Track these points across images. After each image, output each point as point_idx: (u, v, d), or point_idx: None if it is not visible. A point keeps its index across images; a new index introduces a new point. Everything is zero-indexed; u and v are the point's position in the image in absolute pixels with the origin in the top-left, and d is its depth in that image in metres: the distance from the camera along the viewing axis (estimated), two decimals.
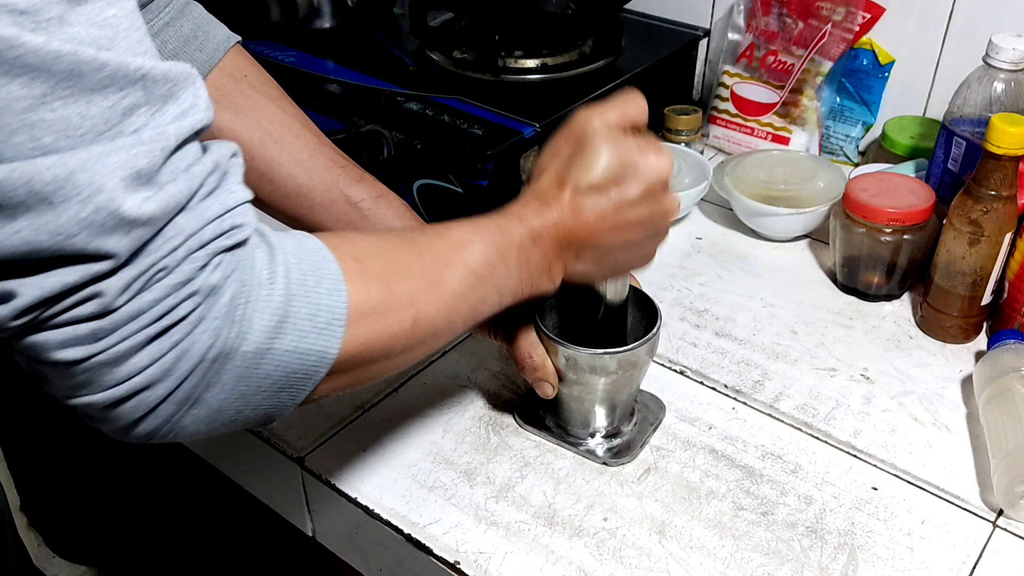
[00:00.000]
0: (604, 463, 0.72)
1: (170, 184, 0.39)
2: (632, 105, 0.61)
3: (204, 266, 0.40)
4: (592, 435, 0.73)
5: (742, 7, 1.13)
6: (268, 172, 0.70)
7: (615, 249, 0.60)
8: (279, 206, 0.72)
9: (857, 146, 1.11)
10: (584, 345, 0.67)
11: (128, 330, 0.39)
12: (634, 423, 0.75)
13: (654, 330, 0.69)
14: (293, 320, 0.43)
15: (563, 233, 0.58)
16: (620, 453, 0.72)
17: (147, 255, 0.39)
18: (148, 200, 0.38)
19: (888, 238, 0.84)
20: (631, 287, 0.72)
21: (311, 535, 0.79)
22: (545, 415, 0.75)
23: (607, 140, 0.59)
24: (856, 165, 1.10)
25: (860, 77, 1.09)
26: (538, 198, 0.59)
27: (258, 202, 0.69)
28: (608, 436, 0.73)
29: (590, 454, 0.72)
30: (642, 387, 0.77)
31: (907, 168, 0.96)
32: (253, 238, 0.43)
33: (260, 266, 0.43)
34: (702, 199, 1.02)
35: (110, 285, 0.38)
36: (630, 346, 0.67)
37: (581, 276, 0.62)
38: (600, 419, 0.73)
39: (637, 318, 0.73)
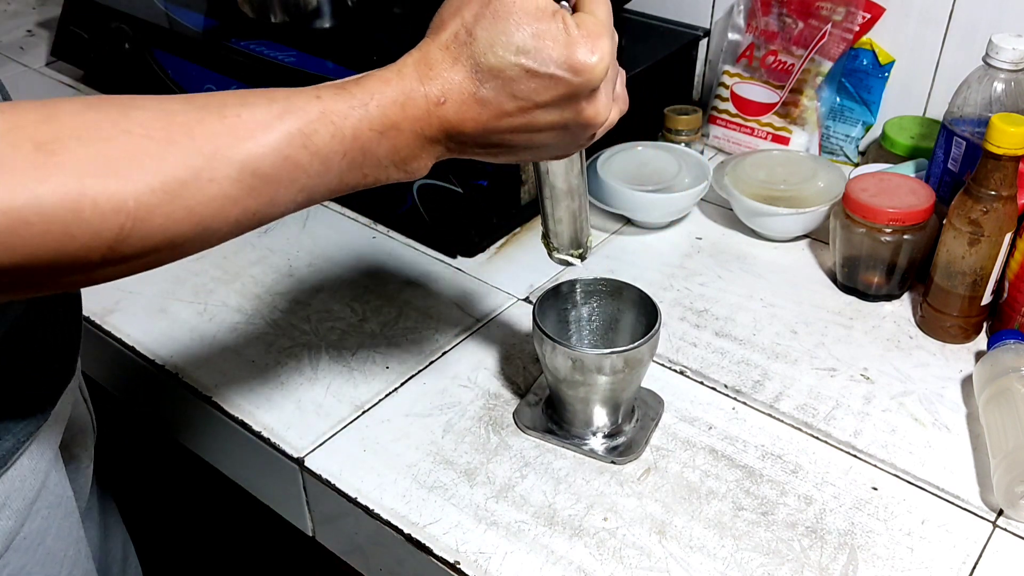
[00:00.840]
0: (612, 462, 0.72)
1: None
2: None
3: None
4: (594, 434, 0.73)
5: (742, 7, 1.13)
6: None
7: (515, 149, 0.48)
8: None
9: (857, 146, 1.10)
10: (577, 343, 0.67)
11: None
12: (635, 420, 0.75)
13: (656, 327, 0.69)
14: None
15: (438, 123, 0.46)
16: (624, 451, 0.72)
17: None
18: None
19: (888, 238, 0.84)
20: (630, 286, 0.72)
21: (311, 535, 0.79)
22: (546, 416, 0.75)
23: (532, 14, 0.45)
24: (856, 165, 1.10)
25: (860, 77, 1.09)
26: (418, 67, 0.46)
27: None
28: (610, 435, 0.73)
29: (593, 453, 0.72)
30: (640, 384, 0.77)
31: (907, 168, 0.96)
32: None
33: None
34: (702, 199, 1.02)
35: None
36: (634, 344, 0.68)
37: (469, 157, 0.49)
38: (602, 418, 0.73)
39: (637, 316, 0.73)
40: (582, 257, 0.71)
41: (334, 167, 0.44)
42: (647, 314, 0.72)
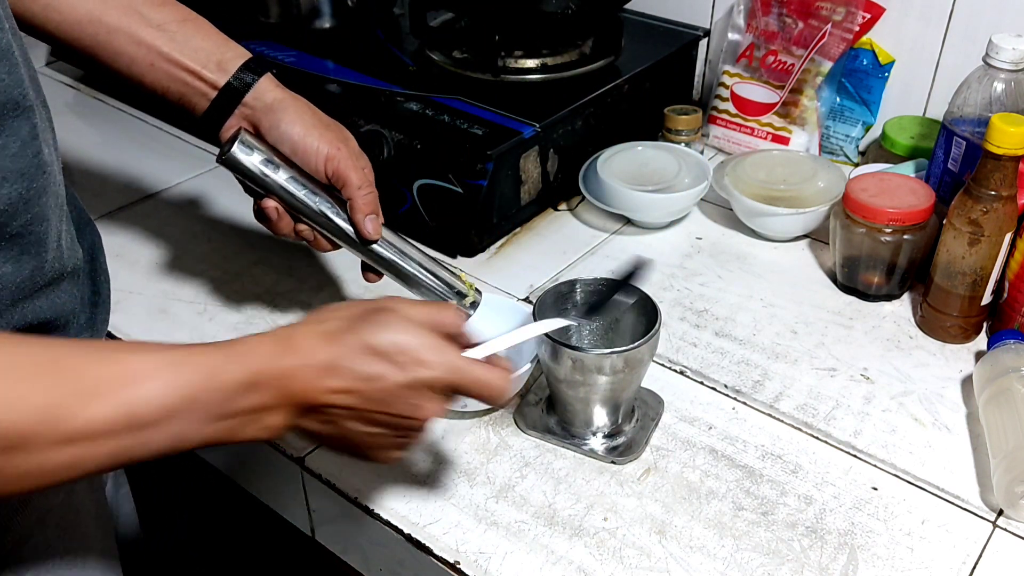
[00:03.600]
0: (612, 462, 0.72)
1: None
2: (446, 314, 0.57)
3: None
4: (595, 434, 0.73)
5: (742, 7, 1.13)
6: (54, 1, 0.66)
7: (345, 434, 0.55)
8: (70, 35, 0.67)
9: (857, 146, 1.11)
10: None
11: None
12: (635, 420, 0.75)
13: (655, 327, 0.69)
14: None
15: (298, 391, 0.52)
16: (624, 451, 0.72)
17: None
18: None
19: (888, 238, 0.84)
20: (635, 287, 0.72)
21: (311, 535, 0.79)
22: (546, 417, 0.75)
23: (404, 320, 0.54)
24: (856, 165, 1.10)
25: (860, 77, 1.09)
26: (284, 342, 0.52)
27: (48, 35, 0.67)
28: (611, 435, 0.73)
29: (594, 453, 0.72)
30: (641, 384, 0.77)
31: (907, 168, 0.96)
32: None
33: None
34: (702, 199, 1.02)
35: None
36: (634, 344, 0.68)
37: (310, 433, 0.55)
38: (602, 418, 0.73)
39: (637, 316, 0.73)
40: (474, 305, 0.77)
41: (206, 417, 0.49)
42: (647, 314, 0.72)
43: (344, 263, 0.95)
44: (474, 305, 0.78)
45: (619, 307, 0.73)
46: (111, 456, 0.46)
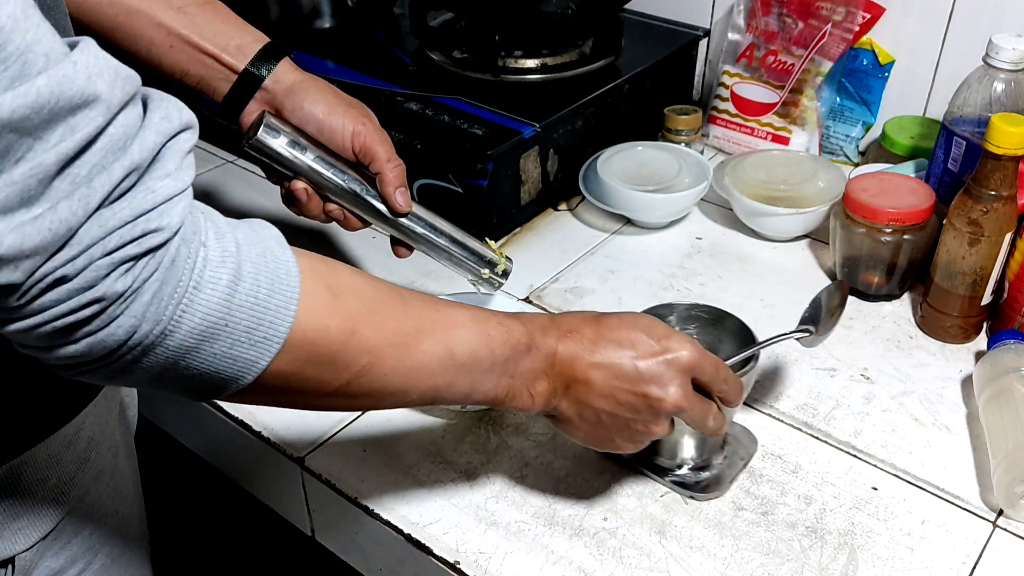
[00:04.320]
0: (691, 497, 0.69)
1: (63, 202, 0.37)
2: (721, 380, 0.60)
3: (108, 274, 0.39)
4: (679, 466, 0.70)
5: (742, 7, 1.13)
6: None
7: (597, 411, 0.59)
8: (90, 16, 0.67)
9: (857, 146, 1.11)
10: None
11: (36, 321, 0.39)
12: (724, 456, 0.72)
13: (752, 364, 0.66)
14: (231, 328, 0.43)
15: (563, 360, 0.57)
16: (709, 487, 0.69)
17: (46, 266, 0.38)
18: (26, 228, 0.37)
19: (888, 238, 0.84)
20: (730, 315, 0.70)
21: (311, 535, 0.79)
22: None
23: (652, 315, 0.61)
24: (856, 165, 1.10)
25: (860, 77, 1.09)
26: (558, 325, 0.58)
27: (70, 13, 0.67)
28: (697, 468, 0.70)
29: (676, 486, 0.69)
30: (734, 419, 0.74)
31: (907, 168, 0.96)
32: (180, 239, 0.41)
33: (200, 267, 0.42)
34: (702, 199, 1.02)
35: (10, 300, 0.39)
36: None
37: (560, 418, 0.60)
38: (689, 450, 0.70)
39: (735, 348, 0.70)
40: (505, 274, 0.79)
41: (497, 368, 0.55)
42: (746, 344, 0.68)
43: (358, 256, 0.94)
44: (505, 274, 0.79)
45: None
46: (430, 390, 0.53)
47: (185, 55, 0.69)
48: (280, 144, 0.69)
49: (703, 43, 1.20)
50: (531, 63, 1.05)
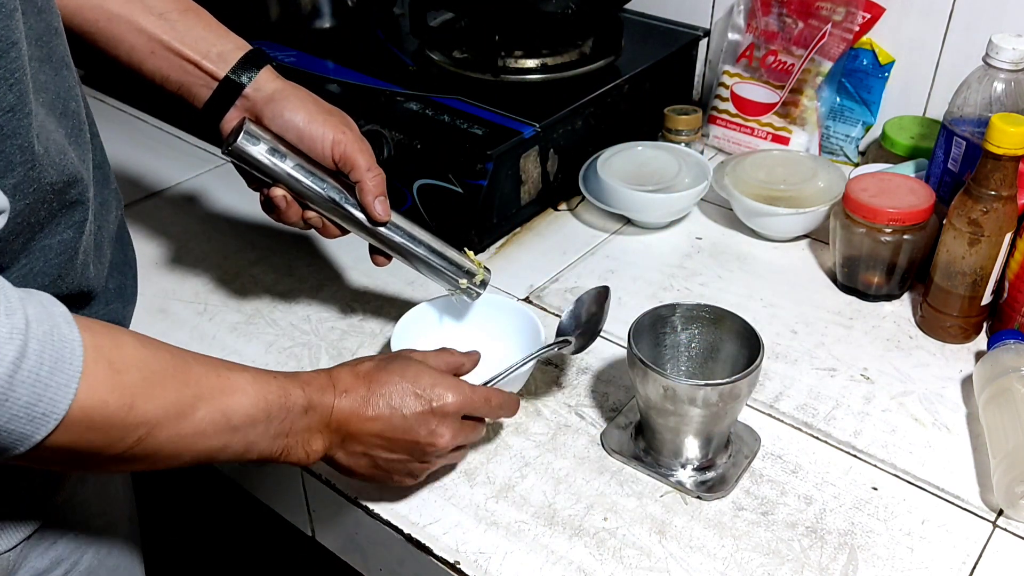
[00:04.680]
0: (697, 497, 0.69)
1: None
2: (455, 357, 0.68)
3: None
4: (683, 466, 0.70)
5: (742, 7, 1.13)
6: None
7: (374, 458, 0.63)
8: (71, 20, 0.67)
9: (857, 146, 1.11)
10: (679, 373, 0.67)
11: None
12: (728, 455, 0.72)
13: (756, 362, 0.66)
14: (9, 403, 0.43)
15: (339, 418, 0.61)
16: (713, 487, 0.69)
17: None
18: None
19: (888, 238, 0.84)
20: (732, 315, 0.71)
21: (311, 535, 0.79)
22: (635, 442, 0.73)
23: (421, 362, 0.65)
24: (856, 165, 1.10)
25: (860, 77, 1.09)
26: (333, 380, 0.62)
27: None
28: (701, 468, 0.70)
29: (680, 486, 0.69)
30: (737, 419, 0.73)
31: (907, 168, 0.96)
32: None
33: None
34: (702, 199, 1.02)
35: None
36: (731, 378, 0.65)
37: (338, 465, 0.64)
38: (693, 450, 0.70)
39: (737, 348, 0.71)
40: (483, 284, 0.79)
41: (272, 429, 0.57)
42: (749, 346, 0.69)
43: (344, 262, 0.95)
44: (483, 284, 0.79)
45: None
46: (204, 452, 0.54)
47: (166, 61, 0.69)
48: (259, 151, 0.69)
49: (703, 43, 1.20)
50: (531, 63, 1.05)
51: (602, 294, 0.75)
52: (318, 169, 0.71)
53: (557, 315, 0.86)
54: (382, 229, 0.74)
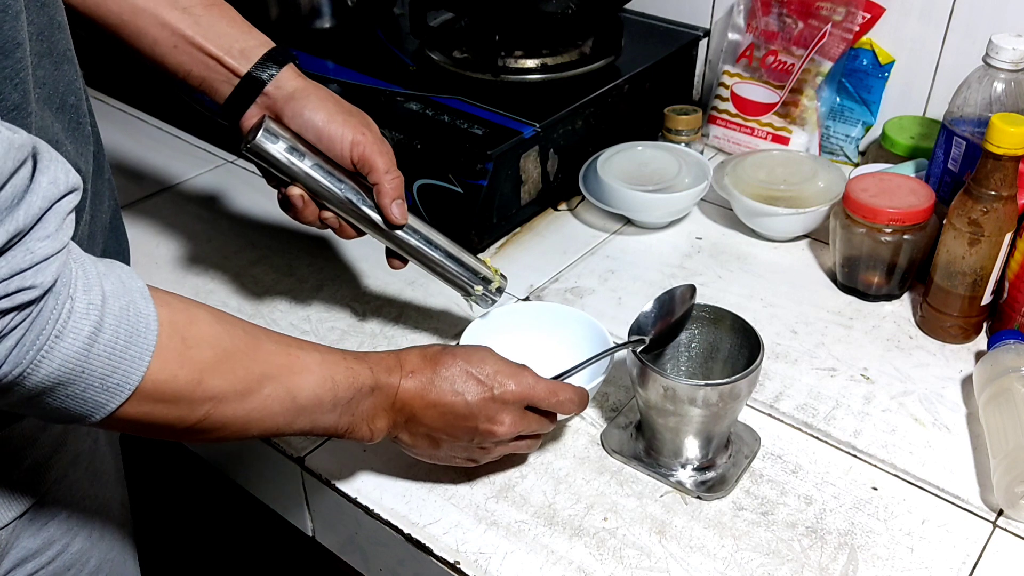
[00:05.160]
0: (697, 497, 0.69)
1: None
2: (560, 402, 0.66)
3: None
4: (683, 466, 0.70)
5: (742, 7, 1.13)
6: None
7: (437, 440, 0.64)
8: (96, 12, 0.68)
9: (857, 146, 1.11)
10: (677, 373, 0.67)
11: None
12: (728, 455, 0.72)
13: (756, 362, 0.66)
14: (87, 374, 0.45)
15: (404, 399, 0.62)
16: (713, 487, 0.69)
17: None
18: None
19: (888, 238, 0.84)
20: (732, 314, 0.70)
21: (311, 535, 0.79)
22: (634, 442, 0.73)
23: (490, 351, 0.65)
24: (856, 165, 1.10)
25: (860, 77, 1.09)
26: (401, 361, 0.63)
27: (72, 8, 0.68)
28: (701, 468, 0.70)
29: (680, 486, 0.69)
30: (737, 419, 0.73)
31: (907, 168, 0.96)
32: (52, 296, 0.44)
33: (64, 318, 0.44)
34: (702, 199, 1.02)
35: None
36: (731, 378, 0.65)
37: (403, 443, 0.65)
38: (693, 450, 0.70)
39: (737, 348, 0.70)
40: (499, 291, 0.79)
41: (338, 408, 0.59)
42: (749, 346, 0.69)
43: (345, 262, 0.95)
44: (499, 290, 0.78)
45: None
46: (271, 427, 0.56)
47: (188, 56, 0.69)
48: (278, 150, 0.69)
49: (703, 43, 1.20)
50: (531, 63, 1.05)
51: (686, 293, 0.72)
52: (336, 170, 0.71)
53: None
54: (399, 232, 0.74)
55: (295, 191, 0.71)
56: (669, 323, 0.72)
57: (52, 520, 0.64)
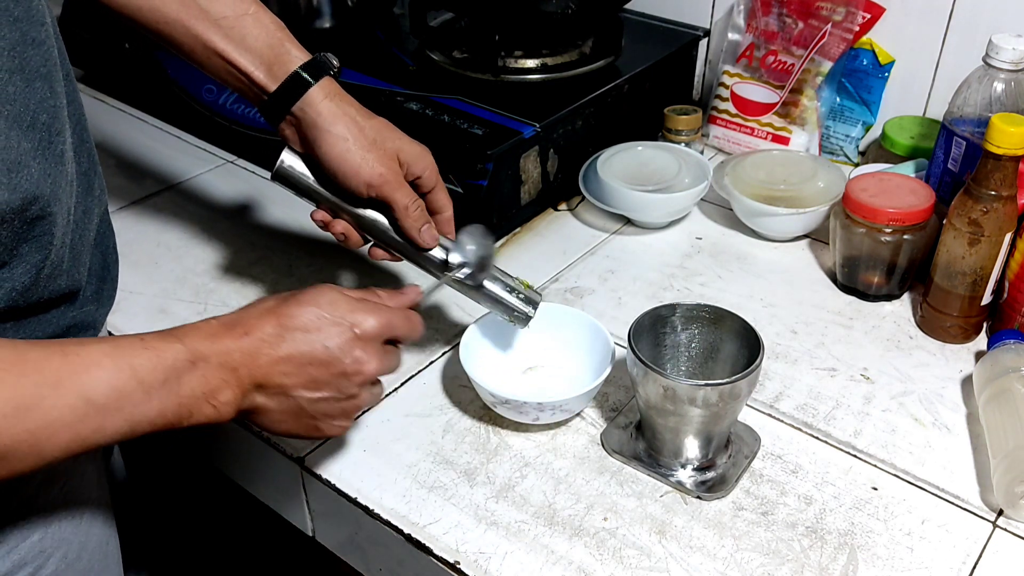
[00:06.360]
0: (697, 497, 0.69)
1: None
2: (414, 329, 0.64)
3: None
4: (683, 466, 0.70)
5: (742, 7, 1.13)
6: None
7: (297, 400, 0.59)
8: (135, 21, 0.68)
9: (857, 146, 1.11)
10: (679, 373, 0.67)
11: None
12: (728, 455, 0.72)
13: (756, 362, 0.66)
14: None
15: (245, 362, 0.56)
16: (713, 487, 0.69)
17: None
18: None
19: (888, 238, 0.84)
20: (732, 315, 0.70)
21: (311, 535, 0.79)
22: (635, 442, 0.73)
23: (334, 289, 0.61)
24: (856, 165, 1.10)
25: (860, 77, 1.09)
26: (227, 323, 0.57)
27: (119, 17, 0.68)
28: (701, 468, 0.70)
29: (680, 486, 0.69)
30: (737, 418, 0.73)
31: (907, 168, 0.96)
32: None
33: None
34: (702, 199, 1.02)
35: None
36: (731, 379, 0.65)
37: (259, 411, 0.59)
38: (693, 450, 0.70)
39: (737, 348, 0.70)
40: (534, 305, 0.77)
41: (154, 396, 0.52)
42: (749, 346, 0.69)
43: (343, 264, 0.95)
44: (534, 305, 0.77)
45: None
46: (74, 441, 0.49)
47: (222, 68, 0.69)
48: (294, 183, 0.72)
49: (703, 43, 1.20)
50: (531, 63, 1.05)
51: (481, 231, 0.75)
52: (357, 201, 0.72)
53: None
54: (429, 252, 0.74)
55: (317, 216, 0.73)
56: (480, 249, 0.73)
57: (23, 543, 0.61)
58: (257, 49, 0.69)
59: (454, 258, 0.74)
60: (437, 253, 0.74)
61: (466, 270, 0.74)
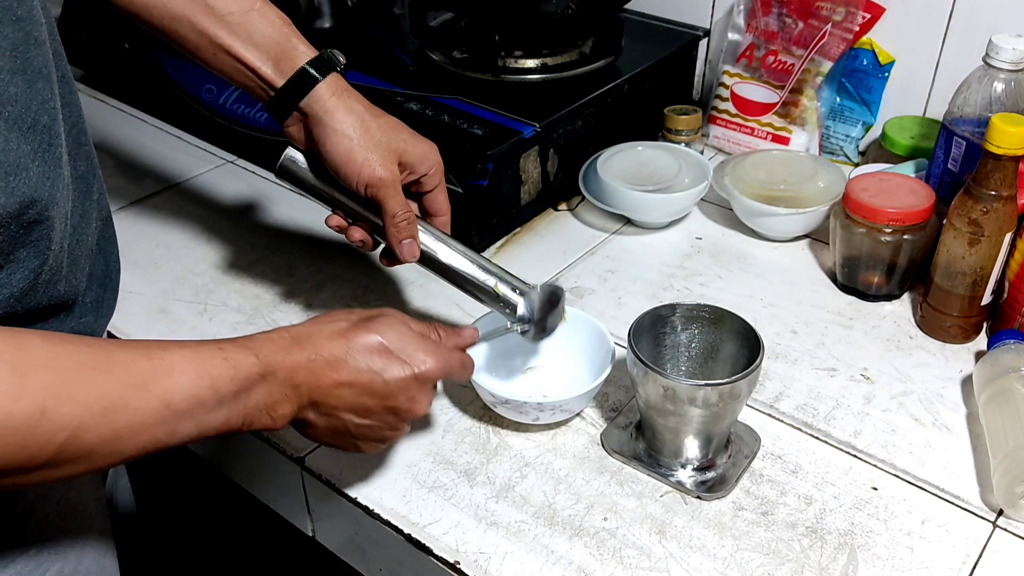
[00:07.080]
0: (697, 497, 0.69)
1: None
2: (438, 324, 0.66)
3: None
4: (683, 466, 0.70)
5: (742, 7, 1.13)
6: None
7: (345, 422, 0.60)
8: (140, 18, 0.68)
9: (857, 146, 1.11)
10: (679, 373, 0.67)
11: None
12: (728, 455, 0.72)
13: (756, 362, 0.66)
14: None
15: (307, 381, 0.57)
16: (713, 487, 0.69)
17: None
18: None
19: (888, 238, 0.84)
20: (732, 315, 0.70)
21: (311, 535, 0.79)
22: (634, 442, 0.73)
23: (403, 323, 0.62)
24: (856, 165, 1.10)
25: (860, 77, 1.09)
26: (295, 338, 0.58)
27: (127, 15, 0.68)
28: (701, 468, 0.70)
29: (680, 486, 0.69)
30: (737, 419, 0.73)
31: (907, 168, 0.96)
32: None
33: None
34: (702, 199, 1.02)
35: None
36: (731, 378, 0.65)
37: (307, 425, 0.60)
38: (693, 450, 0.70)
39: (737, 348, 0.70)
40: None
41: (225, 405, 0.53)
42: (749, 346, 0.69)
43: (345, 263, 0.95)
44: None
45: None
46: (150, 443, 0.50)
47: (227, 64, 0.69)
48: (296, 180, 0.73)
49: (703, 43, 1.20)
50: (531, 63, 1.05)
51: (557, 292, 0.74)
52: (357, 200, 0.72)
53: None
54: (436, 257, 0.73)
55: (335, 222, 0.74)
56: (548, 314, 0.73)
57: (19, 557, 0.60)
58: (264, 45, 0.68)
59: (520, 309, 0.73)
60: (508, 293, 0.73)
61: (526, 327, 0.73)
